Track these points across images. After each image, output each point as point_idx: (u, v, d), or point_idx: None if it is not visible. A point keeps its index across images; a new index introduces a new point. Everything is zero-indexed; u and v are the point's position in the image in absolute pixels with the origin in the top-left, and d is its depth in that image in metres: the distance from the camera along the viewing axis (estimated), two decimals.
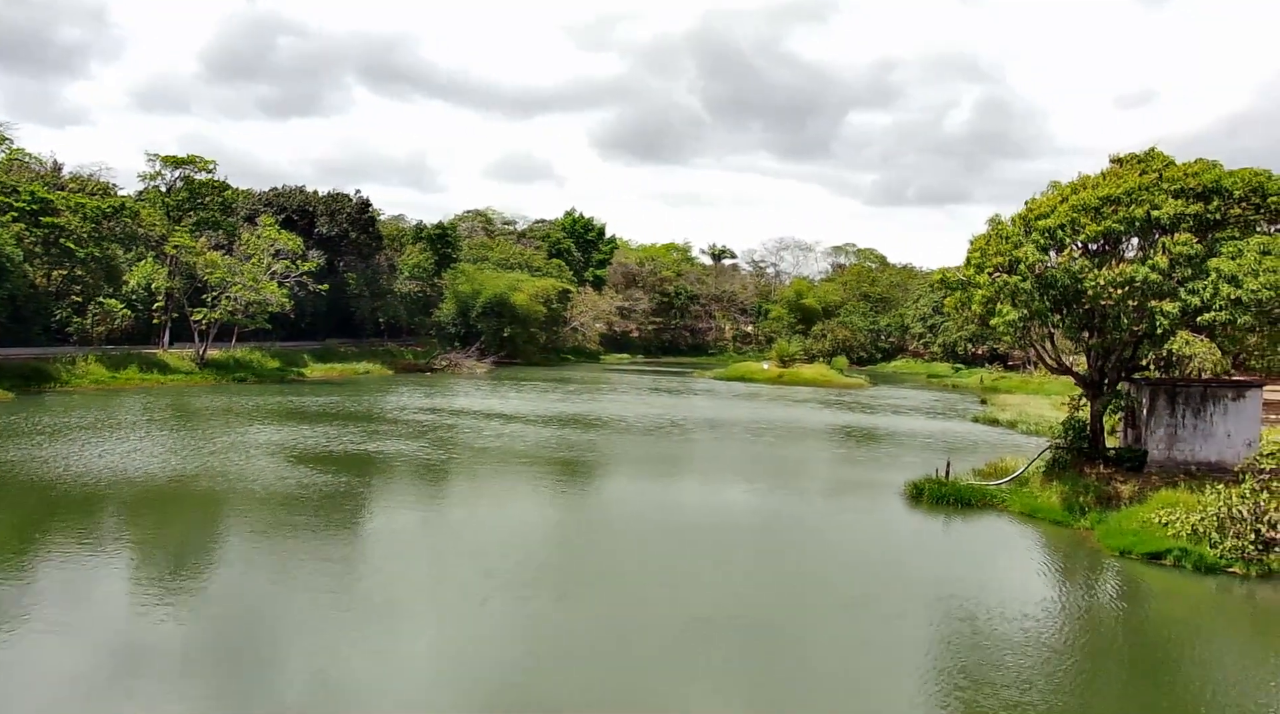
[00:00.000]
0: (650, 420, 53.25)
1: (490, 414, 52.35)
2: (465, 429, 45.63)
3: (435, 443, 40.48)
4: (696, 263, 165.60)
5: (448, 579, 20.70)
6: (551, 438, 43.85)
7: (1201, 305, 24.50)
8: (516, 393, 67.64)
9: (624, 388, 77.79)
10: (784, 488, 33.94)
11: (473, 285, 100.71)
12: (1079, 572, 23.29)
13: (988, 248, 28.60)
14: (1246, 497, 22.24)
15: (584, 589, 20.32)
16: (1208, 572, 21.99)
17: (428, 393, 64.88)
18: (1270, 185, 25.61)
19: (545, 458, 38.19)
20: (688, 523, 27.52)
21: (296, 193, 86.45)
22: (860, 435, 50.03)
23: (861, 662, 16.99)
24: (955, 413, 63.80)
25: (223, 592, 19.39)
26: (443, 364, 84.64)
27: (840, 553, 24.61)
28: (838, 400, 70.44)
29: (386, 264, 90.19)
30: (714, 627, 18.42)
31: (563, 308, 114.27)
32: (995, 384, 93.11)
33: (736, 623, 18.69)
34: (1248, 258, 24.27)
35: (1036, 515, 27.75)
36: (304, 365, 75.16)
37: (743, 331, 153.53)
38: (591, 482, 35.11)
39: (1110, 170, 28.36)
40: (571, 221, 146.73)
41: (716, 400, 68.74)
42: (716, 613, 19.19)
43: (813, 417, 58.99)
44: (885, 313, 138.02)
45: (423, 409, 53.93)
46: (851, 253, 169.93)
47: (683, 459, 41.44)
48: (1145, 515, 24.47)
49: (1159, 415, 28.17)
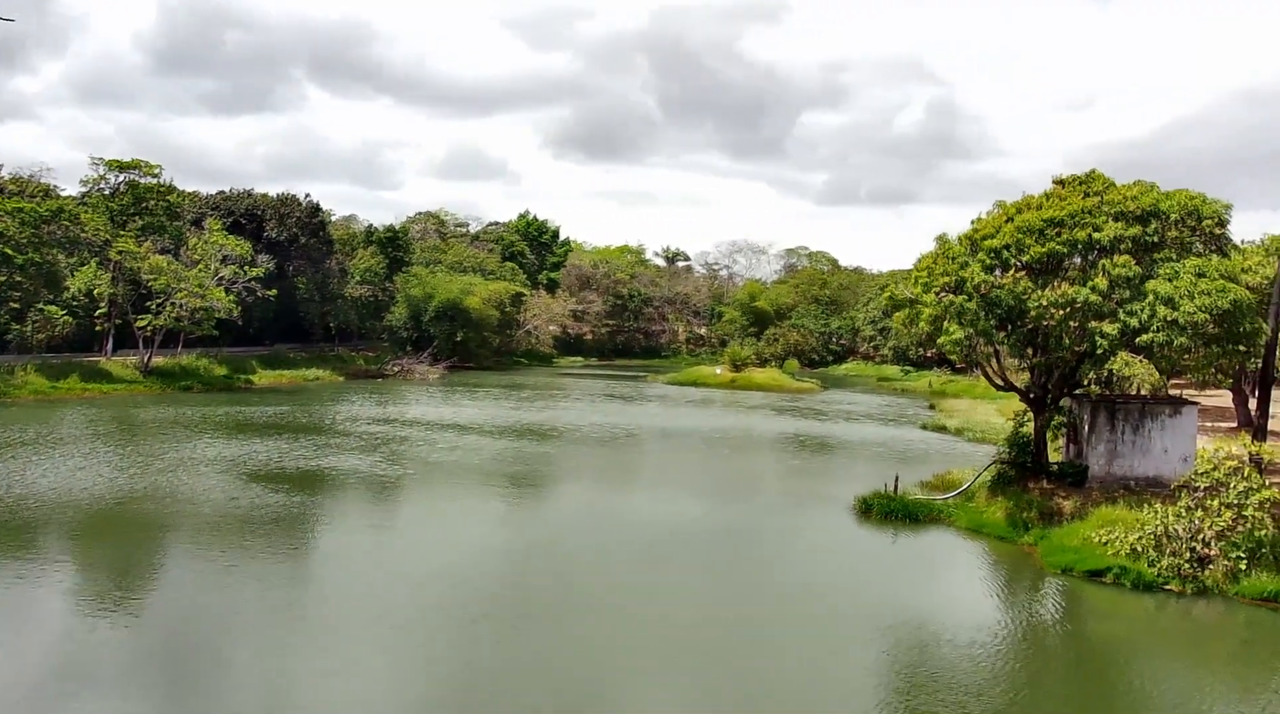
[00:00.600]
0: (604, 430, 53.31)
1: (444, 425, 52.06)
2: (419, 441, 45.34)
3: (389, 457, 40.18)
4: (650, 265, 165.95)
5: (400, 602, 20.60)
6: (506, 451, 43.74)
7: (1140, 326, 25.14)
8: (470, 400, 67.32)
9: (577, 394, 77.78)
10: (736, 502, 34.21)
11: (425, 289, 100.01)
12: (1022, 590, 23.82)
13: (934, 267, 29.09)
14: (1182, 515, 22.89)
15: (536, 611, 20.35)
16: (1146, 589, 22.62)
17: (380, 401, 64.33)
18: (1205, 208, 26.37)
19: (500, 473, 38.09)
20: (640, 540, 27.65)
21: (245, 196, 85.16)
22: (813, 444, 50.55)
23: (808, 679, 17.25)
24: (905, 419, 64.70)
25: (169, 618, 19.13)
26: (394, 370, 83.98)
27: (791, 570, 24.88)
28: (790, 406, 71.05)
29: (337, 268, 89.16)
30: (661, 649, 18.57)
31: (516, 311, 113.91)
32: (943, 388, 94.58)
33: (683, 645, 18.86)
34: (1183, 280, 24.96)
35: (982, 531, 28.29)
36: (252, 372, 74.10)
37: (696, 334, 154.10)
38: (546, 498, 35.12)
39: (1053, 191, 28.98)
40: (525, 224, 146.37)
41: (669, 407, 69.01)
42: (663, 635, 19.35)
43: (765, 425, 59.46)
44: (836, 315, 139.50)
45: (375, 420, 53.48)
46: (804, 255, 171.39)
47: (636, 472, 41.61)
48: (1086, 533, 25.07)
49: (1099, 431, 28.87)
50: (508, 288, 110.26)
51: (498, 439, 47.20)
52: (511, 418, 56.82)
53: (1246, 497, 22.64)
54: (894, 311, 31.33)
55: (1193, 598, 22.24)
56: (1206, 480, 23.27)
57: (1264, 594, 21.80)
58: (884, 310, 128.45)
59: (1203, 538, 22.57)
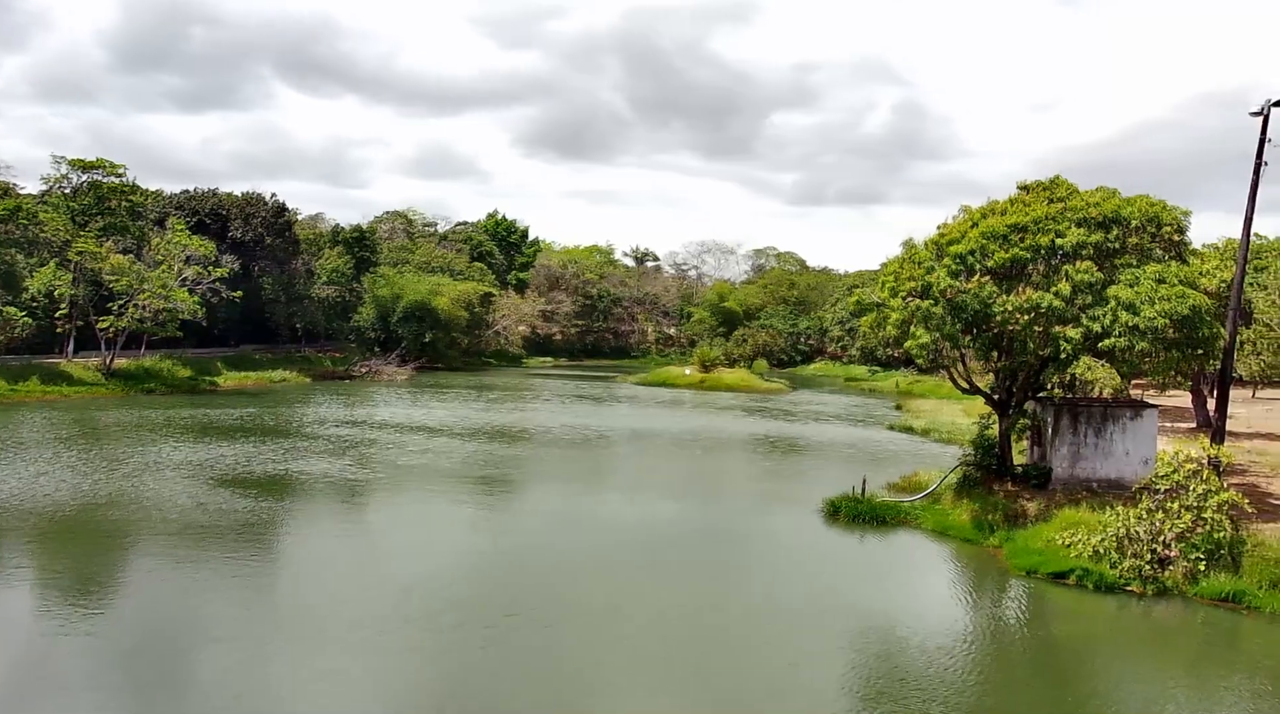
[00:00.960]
0: (575, 431, 53.32)
1: (413, 427, 51.81)
2: (388, 444, 45.10)
3: (358, 461, 39.93)
4: (619, 265, 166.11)
5: (374, 610, 20.51)
6: (478, 453, 43.61)
7: (1102, 331, 25.54)
8: (439, 402, 67.04)
9: (547, 395, 77.70)
10: (708, 505, 34.36)
11: (393, 289, 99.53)
12: (988, 593, 24.14)
13: (901, 272, 29.37)
14: (1143, 517, 23.30)
15: (511, 617, 20.35)
16: (1108, 591, 23.00)
17: (348, 403, 63.90)
18: (1165, 215, 26.85)
19: (472, 476, 37.97)
20: (612, 544, 27.71)
21: (209, 196, 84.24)
22: (783, 446, 50.84)
23: (777, 684, 17.39)
24: (872, 420, 65.23)
25: (135, 628, 18.93)
26: (362, 371, 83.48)
27: (761, 574, 25.02)
28: (759, 407, 71.39)
29: (303, 268, 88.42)
30: (632, 654, 18.66)
31: (485, 312, 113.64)
32: (910, 388, 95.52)
33: (655, 651, 18.95)
34: (1144, 286, 25.40)
35: (948, 533, 28.61)
36: (217, 374, 73.33)
37: (665, 334, 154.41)
38: (519, 502, 35.06)
39: (1017, 197, 29.37)
40: (494, 223, 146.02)
41: (640, 408, 69.12)
42: (636, 640, 19.44)
43: (736, 426, 59.72)
44: (804, 316, 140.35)
45: (343, 422, 53.11)
46: (772, 256, 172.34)
47: (609, 475, 41.64)
48: (1050, 535, 25.44)
49: (1063, 434, 29.30)
50: (476, 288, 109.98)
51: (468, 441, 47.06)
52: (482, 419, 56.67)
53: (1205, 499, 23.07)
54: (861, 315, 31.58)
55: (1153, 599, 22.64)
56: (1167, 483, 23.69)
57: (1222, 595, 22.23)
58: (852, 312, 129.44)
59: (1163, 540, 22.99)
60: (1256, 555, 22.79)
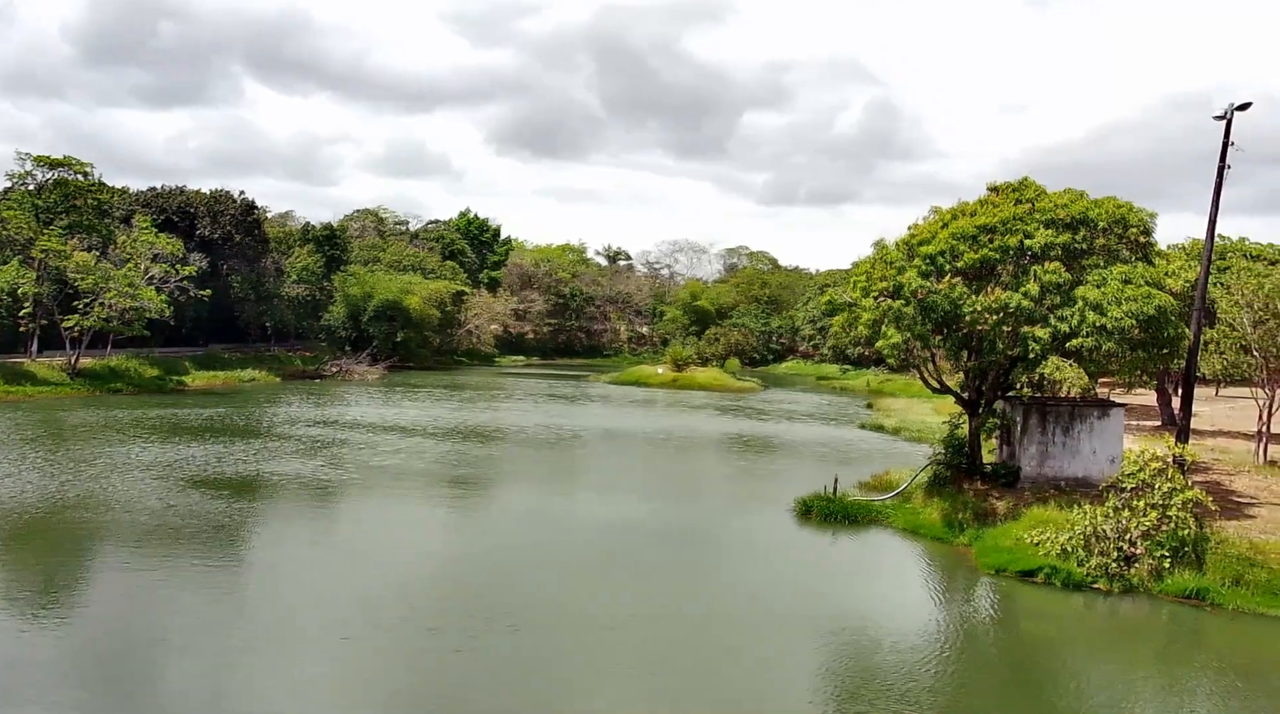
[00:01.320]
0: (549, 431, 53.26)
1: (386, 427, 51.52)
2: (360, 444, 44.82)
3: (330, 461, 39.65)
4: (592, 264, 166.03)
5: (347, 614, 20.39)
6: (450, 453, 43.44)
7: (1070, 331, 25.87)
8: (411, 401, 66.71)
9: (520, 394, 77.53)
10: (682, 505, 34.43)
11: (364, 288, 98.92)
12: (956, 590, 24.37)
13: (873, 272, 29.61)
14: (1110, 515, 23.62)
15: (486, 620, 20.30)
16: (1075, 589, 23.29)
17: (319, 403, 63.44)
18: (1131, 217, 27.24)
19: (446, 476, 37.83)
20: (586, 544, 27.71)
21: (177, 193, 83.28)
22: (756, 445, 51.03)
23: (750, 685, 17.49)
24: (844, 418, 65.65)
25: (101, 633, 18.71)
26: (333, 370, 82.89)
27: (734, 574, 25.14)
28: (732, 406, 71.64)
29: (273, 267, 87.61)
30: (605, 657, 18.69)
31: (457, 311, 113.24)
32: (880, 387, 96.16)
33: (627, 654, 18.99)
34: (1111, 287, 25.75)
35: (919, 532, 28.86)
36: (185, 373, 72.54)
37: (638, 333, 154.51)
38: (493, 502, 34.96)
39: (987, 198, 29.66)
40: (466, 222, 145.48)
41: (613, 407, 69.15)
42: (608, 642, 19.47)
43: (709, 425, 59.88)
44: (776, 315, 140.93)
45: (314, 422, 52.72)
46: (744, 255, 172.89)
47: (582, 475, 41.63)
48: (1019, 533, 25.73)
49: (1031, 433, 29.64)
50: (448, 287, 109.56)
51: (441, 441, 46.88)
52: (454, 419, 56.45)
53: (1170, 497, 23.42)
54: (833, 315, 31.79)
55: (1120, 596, 22.96)
56: (1133, 481, 24.02)
57: (1186, 592, 22.58)
58: (824, 312, 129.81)
59: (1129, 537, 23.32)
60: (1220, 553, 23.17)
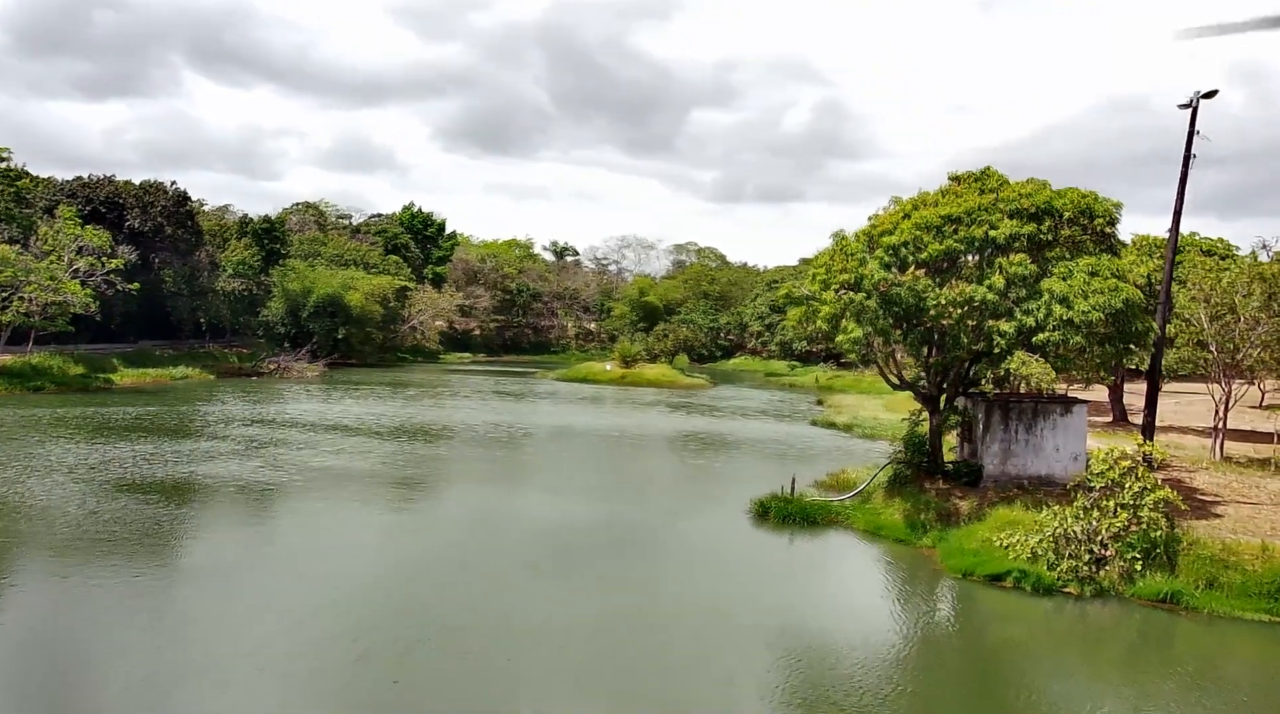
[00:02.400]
0: (496, 429, 51.57)
1: (326, 426, 49.42)
2: (299, 444, 42.76)
3: (267, 463, 37.57)
4: (539, 259, 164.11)
5: (282, 630, 18.70)
6: (395, 453, 41.56)
7: (1036, 325, 25.02)
8: (353, 399, 64.50)
9: (465, 391, 75.62)
10: (634, 506, 33.07)
11: (303, 283, 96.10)
12: (921, 595, 23.32)
13: (833, 264, 28.49)
14: (1080, 516, 22.76)
15: (430, 633, 18.76)
16: (1045, 593, 22.36)
17: (255, 401, 60.96)
18: (1097, 207, 26.46)
19: (389, 478, 36.01)
20: (536, 548, 26.21)
21: (104, 183, 79.81)
22: (708, 443, 49.86)
23: (703, 696, 16.22)
24: (796, 415, 64.83)
25: (11, 653, 16.87)
26: (270, 368, 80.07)
27: (688, 579, 23.86)
28: (683, 403, 70.48)
29: (207, 260, 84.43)
30: (553, 670, 17.27)
31: (400, 306, 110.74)
32: (830, 383, 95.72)
33: (576, 666, 17.60)
34: (1077, 279, 24.92)
35: (880, 533, 27.84)
36: (113, 371, 69.45)
37: (585, 329, 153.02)
38: (439, 505, 33.26)
39: (949, 188, 28.74)
40: (410, 216, 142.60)
41: (561, 405, 67.61)
42: (557, 654, 18.05)
43: (660, 422, 58.63)
44: (724, 311, 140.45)
45: (251, 421, 50.42)
46: (692, 251, 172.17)
47: (532, 475, 40.09)
48: (984, 535, 24.80)
49: (994, 430, 28.79)
50: (391, 282, 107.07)
51: (385, 441, 44.98)
52: (399, 417, 54.45)
53: (1141, 497, 22.62)
54: (790, 308, 30.59)
55: (1090, 600, 22.09)
56: (1102, 481, 23.20)
57: (1158, 595, 21.78)
58: (777, 306, 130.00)
59: (1100, 539, 22.47)
60: (1192, 554, 22.42)
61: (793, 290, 29.66)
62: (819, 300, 28.44)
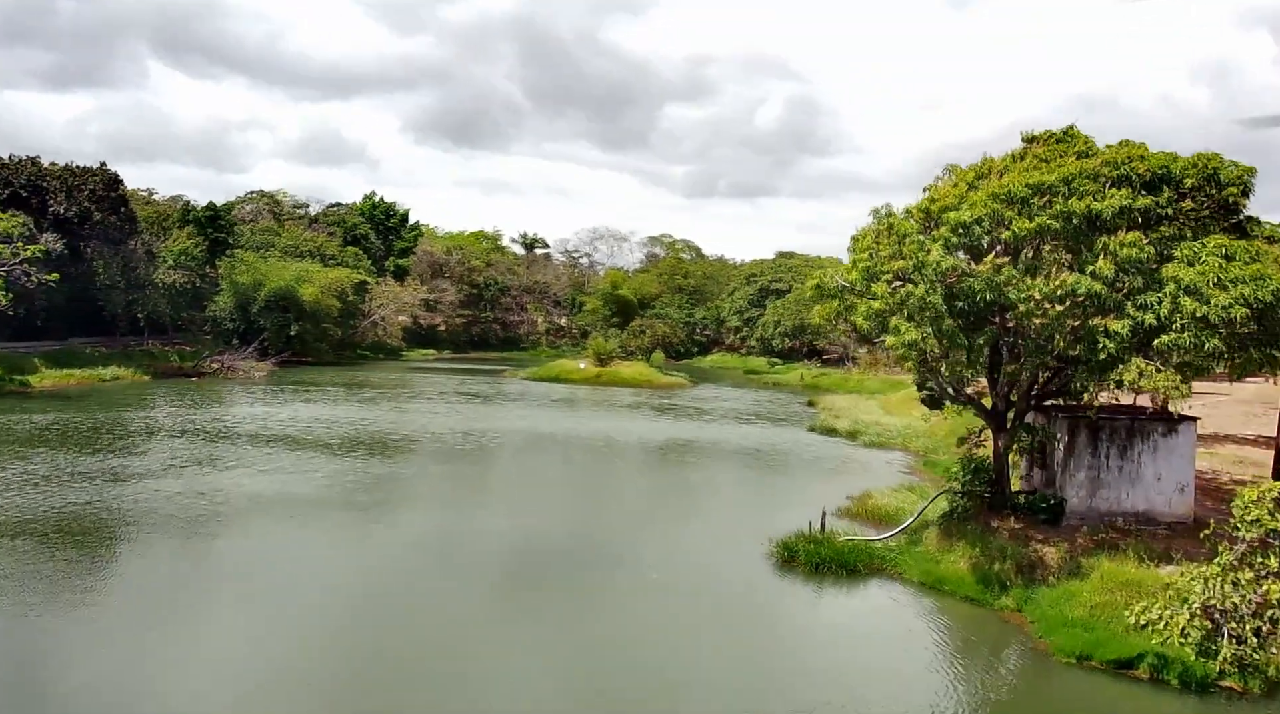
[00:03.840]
0: (460, 439, 45.30)
1: (267, 437, 42.86)
2: (230, 461, 36.30)
3: (187, 489, 31.03)
4: (508, 252, 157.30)
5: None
6: (343, 473, 35.17)
7: (1158, 324, 19.32)
8: (302, 402, 57.85)
9: (428, 393, 69.18)
10: (625, 542, 27.06)
11: (254, 276, 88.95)
12: (1017, 687, 17.48)
13: (878, 247, 22.67)
14: (1240, 584, 17.01)
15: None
16: (1200, 689, 16.58)
17: (190, 406, 54.19)
18: (1225, 173, 20.77)
19: (339, 505, 29.81)
20: (504, 602, 20.25)
21: (27, 165, 72.34)
22: (699, 452, 43.94)
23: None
24: (790, 419, 59.10)
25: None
26: (213, 367, 72.84)
27: (697, 644, 18.04)
28: (664, 406, 64.52)
29: (143, 249, 77.01)
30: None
31: (360, 301, 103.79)
32: (816, 381, 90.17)
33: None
34: (1209, 264, 19.24)
35: (942, 588, 22.01)
36: (33, 372, 62.28)
37: (556, 325, 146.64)
38: (388, 542, 26.93)
39: (1025, 152, 23.01)
40: (371, 206, 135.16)
41: (532, 408, 61.42)
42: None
43: (643, 427, 52.68)
44: (700, 305, 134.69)
45: (179, 431, 43.75)
46: (666, 244, 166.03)
47: (498, 499, 33.97)
48: (1090, 596, 19.07)
49: (1079, 455, 23.07)
50: (350, 275, 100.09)
51: (333, 456, 38.57)
52: (350, 425, 47.94)
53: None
54: (819, 304, 24.61)
55: (1262, 699, 16.37)
56: (1258, 529, 17.49)
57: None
58: (751, 299, 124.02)
59: (1270, 615, 16.77)
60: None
61: (824, 281, 23.71)
62: (860, 293, 22.57)
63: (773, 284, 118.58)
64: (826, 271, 24.48)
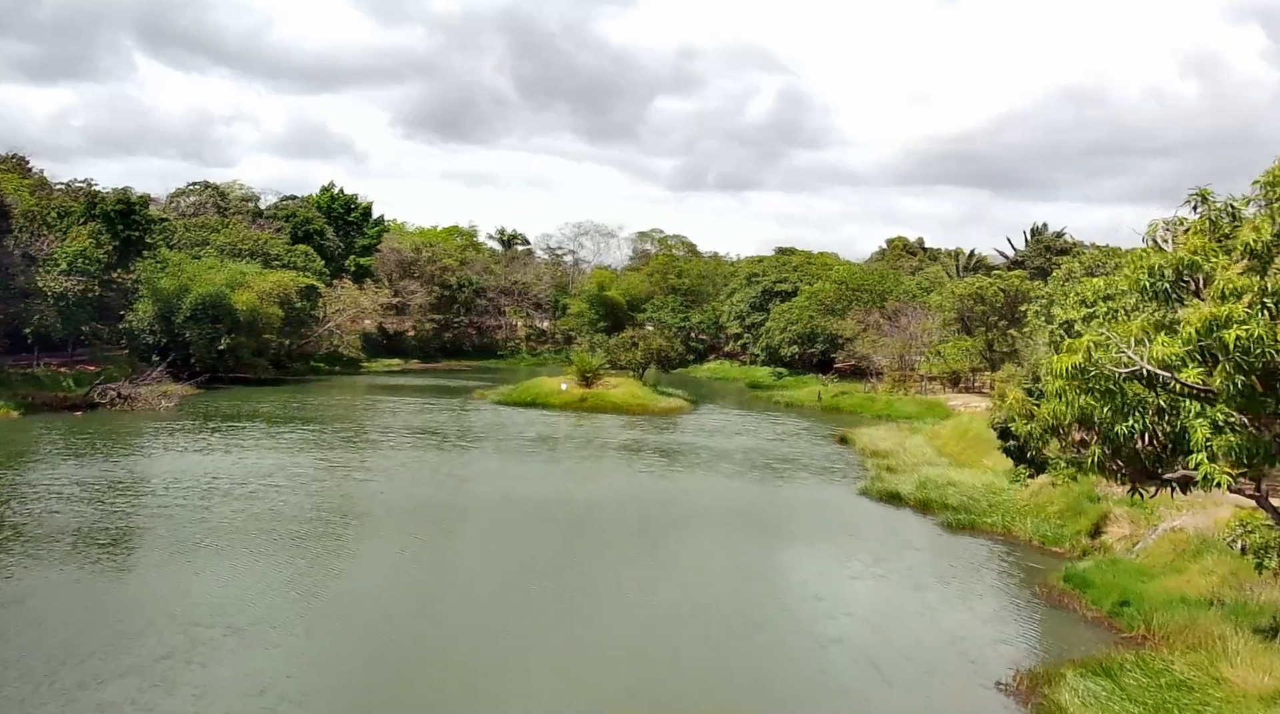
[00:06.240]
0: (387, 516, 31.80)
1: (111, 540, 29.31)
2: (48, 613, 22.84)
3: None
4: (484, 249, 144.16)
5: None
6: (186, 646, 21.71)
7: None
8: (200, 452, 44.21)
9: (373, 429, 55.81)
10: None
11: (179, 280, 75.51)
12: None
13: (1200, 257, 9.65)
14: None
15: None
16: None
17: (25, 464, 40.60)
18: None
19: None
20: None
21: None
22: (729, 542, 30.66)
23: None
24: (826, 470, 45.92)
25: None
26: (107, 396, 58.98)
27: None
28: (668, 445, 51.29)
29: (20, 252, 63.01)
30: None
31: (310, 306, 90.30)
32: (836, 402, 77.34)
33: None
34: None
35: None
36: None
37: (537, 329, 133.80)
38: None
39: None
40: (329, 199, 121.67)
41: (500, 452, 48.11)
42: None
43: (646, 488, 39.57)
44: (695, 307, 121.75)
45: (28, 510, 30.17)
46: (657, 240, 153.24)
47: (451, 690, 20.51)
48: None
49: None
50: (295, 278, 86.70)
51: (228, 580, 25.10)
52: (239, 498, 34.03)
53: None
54: (1063, 352, 11.45)
55: None
56: None
57: None
58: (752, 302, 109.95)
59: None
60: None
61: (1093, 336, 10.54)
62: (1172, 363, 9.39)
63: (777, 285, 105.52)
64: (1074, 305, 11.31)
